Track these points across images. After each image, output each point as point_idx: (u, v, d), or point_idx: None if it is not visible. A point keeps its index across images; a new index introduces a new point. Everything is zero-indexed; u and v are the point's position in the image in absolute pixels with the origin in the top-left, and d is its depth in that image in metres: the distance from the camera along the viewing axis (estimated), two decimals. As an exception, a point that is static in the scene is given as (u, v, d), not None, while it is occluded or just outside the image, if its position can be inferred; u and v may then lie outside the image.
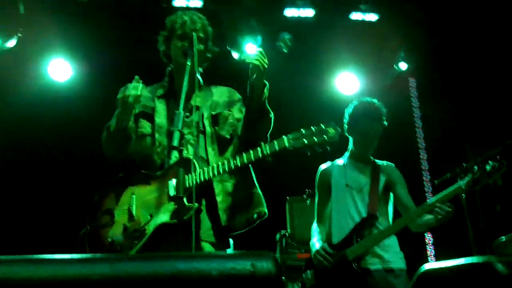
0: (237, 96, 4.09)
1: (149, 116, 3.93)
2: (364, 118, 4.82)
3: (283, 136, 3.52)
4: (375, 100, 4.93)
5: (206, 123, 3.87)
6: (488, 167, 4.25)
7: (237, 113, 3.98)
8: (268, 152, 3.50)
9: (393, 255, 4.62)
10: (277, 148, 3.50)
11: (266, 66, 3.69)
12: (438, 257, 8.64)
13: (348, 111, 4.95)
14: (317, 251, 4.63)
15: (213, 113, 3.93)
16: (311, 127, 3.52)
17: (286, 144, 3.49)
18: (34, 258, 1.89)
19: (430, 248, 8.73)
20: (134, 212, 3.63)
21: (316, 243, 4.80)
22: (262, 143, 3.54)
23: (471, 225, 5.20)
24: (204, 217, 3.72)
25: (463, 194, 4.60)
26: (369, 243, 4.52)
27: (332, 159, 5.07)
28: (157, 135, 3.84)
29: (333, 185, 4.91)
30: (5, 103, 7.83)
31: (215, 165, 3.56)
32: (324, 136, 3.48)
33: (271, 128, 3.87)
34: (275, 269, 1.86)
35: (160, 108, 3.95)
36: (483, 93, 8.27)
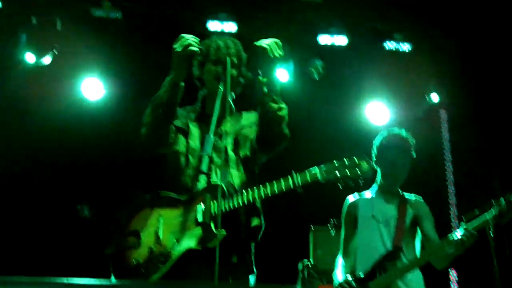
0: None
1: (185, 136, 3.94)
2: (391, 149, 4.78)
3: (316, 167, 3.50)
4: (403, 131, 4.90)
5: (229, 148, 3.86)
6: None
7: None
8: (300, 183, 3.48)
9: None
10: (309, 179, 3.48)
11: (277, 55, 3.71)
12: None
13: (376, 143, 4.92)
14: (340, 284, 4.55)
15: (241, 137, 3.93)
16: (344, 159, 3.50)
17: (319, 176, 3.48)
18: (59, 282, 1.89)
19: (454, 285, 8.59)
20: (160, 235, 3.60)
21: (339, 275, 4.73)
22: (294, 173, 3.51)
23: (497, 262, 5.11)
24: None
25: (490, 229, 4.47)
26: (392, 276, 4.45)
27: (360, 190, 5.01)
28: (190, 158, 3.84)
29: (359, 218, 4.84)
30: (37, 119, 7.93)
31: (244, 194, 3.54)
32: (357, 169, 3.47)
33: (285, 121, 3.82)
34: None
35: (194, 131, 3.95)
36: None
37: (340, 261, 4.90)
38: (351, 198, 5.01)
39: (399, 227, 4.69)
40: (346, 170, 3.47)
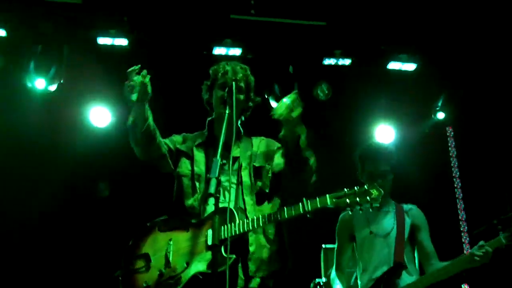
0: (276, 145, 4.05)
1: (190, 160, 3.96)
2: (368, 160, 4.81)
3: (326, 195, 3.49)
4: (378, 142, 4.99)
5: (245, 174, 3.86)
6: None
7: (278, 159, 3.96)
8: (310, 209, 3.48)
9: None
10: (319, 206, 3.48)
11: (295, 116, 3.65)
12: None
13: (355, 156, 4.96)
14: None
15: (256, 165, 3.93)
16: (355, 187, 3.51)
17: (329, 202, 3.47)
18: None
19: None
20: (171, 258, 3.59)
21: None
22: (304, 199, 3.51)
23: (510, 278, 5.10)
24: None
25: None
26: None
27: None
28: (197, 184, 3.84)
29: (356, 233, 4.81)
30: (45, 145, 7.99)
31: (255, 218, 3.55)
32: (367, 197, 3.47)
33: (313, 177, 3.83)
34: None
35: (199, 156, 3.97)
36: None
37: (333, 276, 4.89)
38: (343, 215, 4.98)
39: (398, 240, 4.64)
40: (356, 197, 3.48)
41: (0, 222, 7.51)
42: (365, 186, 3.51)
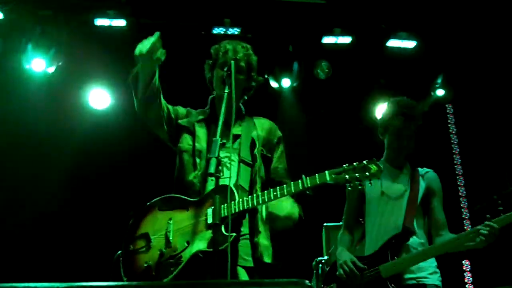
0: (278, 134, 4.09)
1: (191, 134, 3.96)
2: (397, 118, 4.60)
3: (326, 172, 3.49)
4: (409, 99, 4.71)
5: (242, 151, 3.87)
6: None
7: (279, 162, 4.02)
8: (309, 185, 3.47)
9: (429, 274, 4.34)
10: (318, 181, 3.47)
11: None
12: (476, 285, 8.50)
13: (383, 112, 4.81)
14: (345, 262, 4.38)
15: (265, 153, 3.96)
16: (354, 163, 3.51)
17: (328, 178, 3.47)
18: (72, 285, 1.92)
19: (468, 276, 8.59)
20: (171, 238, 3.60)
21: (342, 253, 4.54)
22: (303, 176, 3.51)
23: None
24: (244, 243, 3.72)
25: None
26: (407, 263, 4.26)
27: None
28: (198, 160, 3.84)
29: (367, 194, 4.65)
30: (44, 127, 8.00)
31: (255, 195, 3.55)
32: (366, 172, 3.47)
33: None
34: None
35: (201, 132, 3.96)
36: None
37: (340, 236, 4.76)
38: None
39: (410, 203, 4.49)
40: (355, 173, 3.47)
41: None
42: (364, 162, 3.50)
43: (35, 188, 7.86)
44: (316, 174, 3.50)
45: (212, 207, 3.46)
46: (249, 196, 3.57)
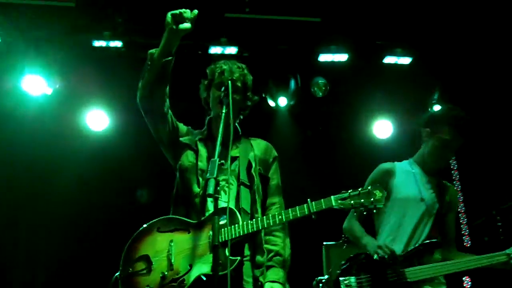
0: (274, 154, 4.08)
1: (194, 152, 3.92)
2: (451, 128, 4.47)
3: (331, 197, 3.48)
4: (464, 114, 4.57)
5: (255, 174, 3.87)
6: None
7: (271, 179, 4.00)
8: (315, 210, 3.46)
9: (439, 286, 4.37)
10: (324, 206, 3.46)
11: None
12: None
13: (433, 114, 4.74)
14: (382, 246, 4.27)
15: (262, 173, 3.94)
16: (358, 189, 3.49)
17: (334, 203, 3.45)
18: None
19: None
20: (173, 260, 3.55)
21: (372, 240, 4.44)
22: (309, 200, 3.49)
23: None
24: (246, 264, 3.67)
25: None
26: (435, 272, 4.24)
27: None
28: (200, 179, 3.80)
29: (396, 189, 4.56)
30: (41, 149, 7.97)
31: (259, 219, 3.53)
32: (371, 199, 3.44)
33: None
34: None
35: (203, 151, 3.93)
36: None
37: (357, 225, 4.64)
38: (386, 165, 4.70)
39: (438, 216, 4.48)
40: (360, 199, 3.46)
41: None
42: (369, 187, 3.48)
43: (33, 211, 7.83)
44: (322, 200, 3.48)
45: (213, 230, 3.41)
46: (253, 220, 3.54)
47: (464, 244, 8.58)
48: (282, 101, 8.35)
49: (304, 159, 8.33)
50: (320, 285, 6.61)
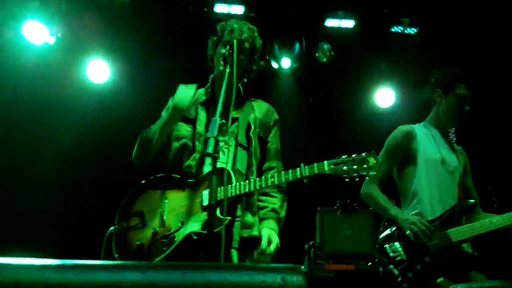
0: (275, 117, 4.11)
1: (189, 120, 3.94)
2: (465, 83, 4.49)
3: (324, 162, 3.48)
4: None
5: (254, 137, 3.89)
6: None
7: (271, 143, 4.02)
8: (307, 174, 3.47)
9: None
10: (316, 171, 3.46)
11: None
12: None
13: (443, 73, 4.65)
14: (416, 221, 4.18)
15: (262, 135, 3.96)
16: (353, 155, 3.49)
17: (326, 168, 3.45)
18: (65, 264, 1.91)
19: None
20: (165, 217, 3.61)
21: (405, 213, 4.33)
22: (302, 164, 3.51)
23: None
24: (237, 224, 3.72)
25: None
26: (476, 230, 4.17)
27: None
28: (197, 143, 3.84)
29: (421, 153, 4.49)
30: (41, 101, 7.95)
31: (252, 181, 3.55)
32: (365, 165, 3.44)
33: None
34: (305, 284, 1.87)
35: (202, 115, 3.95)
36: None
37: (377, 190, 4.51)
38: (405, 127, 4.63)
39: (460, 179, 4.49)
40: (354, 165, 3.45)
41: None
42: (363, 154, 3.48)
43: (32, 162, 7.83)
44: (315, 164, 3.49)
45: (208, 189, 3.46)
46: (246, 181, 3.55)
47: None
48: (286, 63, 8.27)
49: (305, 124, 8.33)
50: (312, 249, 6.65)
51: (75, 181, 7.99)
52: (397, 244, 4.24)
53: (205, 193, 3.54)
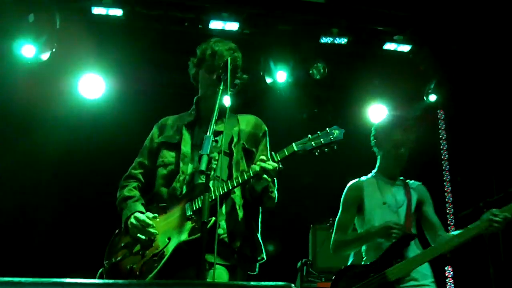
0: (263, 128, 4.11)
1: (173, 146, 3.97)
2: (397, 128, 4.81)
3: (293, 143, 3.61)
4: (405, 113, 5.12)
5: (236, 149, 3.89)
6: None
7: (261, 154, 3.96)
8: (279, 159, 3.57)
9: (431, 283, 4.58)
10: (287, 153, 3.59)
11: (266, 180, 3.64)
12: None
13: (377, 125, 4.99)
14: (388, 222, 4.53)
15: (247, 146, 3.96)
16: (317, 132, 3.64)
17: (295, 148, 3.59)
18: (55, 282, 1.91)
19: (450, 282, 8.64)
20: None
21: (372, 227, 4.68)
22: (273, 153, 3.62)
23: (492, 260, 5.21)
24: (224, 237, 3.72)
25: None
26: (411, 266, 4.42)
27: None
28: (181, 164, 3.86)
29: (366, 202, 4.82)
30: (35, 117, 7.92)
31: (229, 180, 3.61)
32: (330, 137, 3.59)
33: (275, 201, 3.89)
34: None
35: (187, 137, 3.98)
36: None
37: (344, 235, 4.83)
38: (353, 182, 4.98)
39: (408, 214, 4.72)
40: (320, 139, 3.59)
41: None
42: (327, 129, 3.63)
43: (21, 179, 7.79)
44: (284, 148, 3.61)
45: (189, 202, 3.58)
46: (223, 183, 3.61)
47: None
48: (281, 77, 8.18)
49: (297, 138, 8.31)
50: (305, 267, 6.67)
51: (67, 196, 7.94)
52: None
53: (187, 206, 3.61)
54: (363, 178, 4.97)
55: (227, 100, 3.93)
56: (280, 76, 8.10)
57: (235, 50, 4.04)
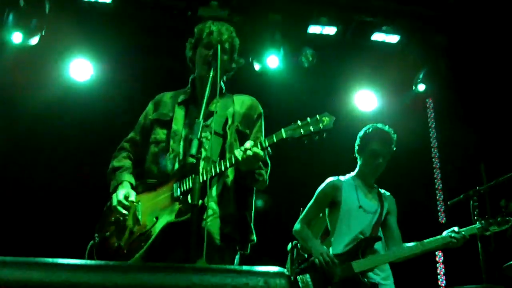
0: (259, 110, 4.07)
1: (165, 123, 3.94)
2: (375, 140, 5.21)
3: (281, 129, 3.50)
4: (387, 127, 5.30)
5: (230, 131, 3.86)
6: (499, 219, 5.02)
7: (254, 136, 3.96)
8: (267, 144, 3.51)
9: (388, 276, 5.11)
10: (275, 139, 3.49)
11: (248, 168, 3.63)
12: (448, 276, 8.60)
13: (360, 134, 5.33)
14: (323, 253, 4.89)
15: (240, 128, 3.93)
16: (307, 118, 3.52)
17: (284, 135, 3.48)
18: (48, 262, 1.91)
19: (441, 267, 8.70)
20: (140, 217, 3.65)
21: (318, 245, 5.06)
22: (262, 139, 3.58)
23: (482, 249, 5.29)
24: (216, 222, 3.71)
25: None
26: (378, 261, 4.95)
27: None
28: (171, 142, 3.84)
29: (343, 201, 5.20)
30: (24, 100, 7.87)
31: (217, 163, 3.55)
32: (320, 124, 3.47)
33: (266, 183, 3.89)
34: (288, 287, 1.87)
35: (179, 114, 3.95)
36: (501, 115, 8.27)
37: (303, 228, 5.27)
38: (332, 178, 5.38)
39: (378, 219, 5.19)
40: (310, 126, 3.47)
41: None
42: (317, 116, 3.51)
43: (14, 163, 7.77)
44: (273, 134, 3.52)
45: (178, 182, 3.56)
46: (211, 164, 3.55)
47: (440, 220, 8.77)
48: (273, 63, 8.24)
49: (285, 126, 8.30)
50: (295, 249, 6.67)
51: (60, 180, 7.90)
52: (307, 275, 4.87)
53: (175, 186, 3.59)
54: (342, 178, 5.37)
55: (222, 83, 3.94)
56: (271, 61, 8.11)
57: (233, 32, 4.05)
